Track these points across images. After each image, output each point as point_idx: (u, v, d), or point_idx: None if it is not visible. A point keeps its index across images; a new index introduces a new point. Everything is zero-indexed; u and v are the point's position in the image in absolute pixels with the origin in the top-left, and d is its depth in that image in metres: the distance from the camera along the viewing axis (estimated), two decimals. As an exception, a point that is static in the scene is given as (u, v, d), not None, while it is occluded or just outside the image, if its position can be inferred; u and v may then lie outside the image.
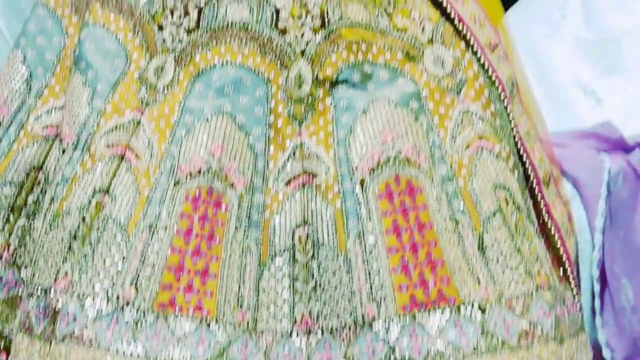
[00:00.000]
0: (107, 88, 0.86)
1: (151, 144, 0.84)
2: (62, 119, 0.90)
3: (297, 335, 0.78)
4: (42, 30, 0.94)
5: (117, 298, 0.79)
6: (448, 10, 0.87)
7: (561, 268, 0.88)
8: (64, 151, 0.86)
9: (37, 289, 0.84)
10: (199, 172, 0.81)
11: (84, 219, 0.81)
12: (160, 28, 0.88)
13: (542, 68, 1.33)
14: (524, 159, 0.87)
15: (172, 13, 0.87)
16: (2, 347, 0.90)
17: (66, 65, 0.93)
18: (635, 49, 1.23)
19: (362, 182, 0.80)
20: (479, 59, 0.87)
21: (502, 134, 0.86)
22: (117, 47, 0.88)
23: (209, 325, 0.78)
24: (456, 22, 0.87)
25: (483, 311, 0.78)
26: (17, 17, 0.95)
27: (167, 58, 0.87)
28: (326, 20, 0.84)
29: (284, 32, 0.84)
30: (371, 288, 0.78)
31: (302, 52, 0.84)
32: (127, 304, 0.79)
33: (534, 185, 0.87)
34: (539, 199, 0.87)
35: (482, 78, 0.87)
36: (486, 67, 0.87)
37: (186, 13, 0.86)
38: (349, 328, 0.78)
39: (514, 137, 0.88)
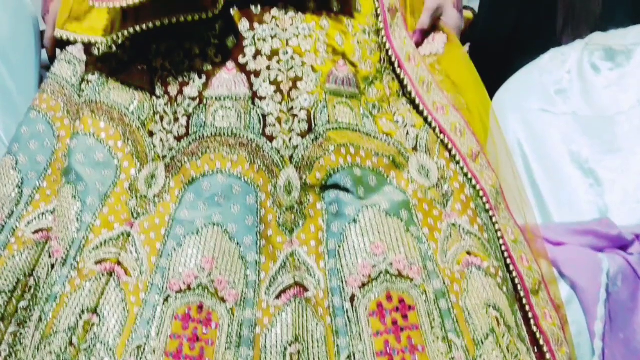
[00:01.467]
0: (97, 201, 0.86)
1: (141, 259, 0.83)
2: (53, 223, 0.90)
3: None
4: (34, 134, 0.95)
5: None
6: (429, 120, 0.87)
7: None
8: (52, 266, 0.85)
9: None
10: (189, 287, 0.80)
11: (71, 341, 0.80)
12: (151, 134, 0.88)
13: (539, 143, 1.32)
14: (512, 269, 0.86)
15: (161, 119, 0.88)
16: None
17: (57, 168, 0.93)
18: (630, 128, 1.22)
19: (352, 299, 0.79)
20: (462, 168, 0.87)
21: (491, 247, 0.85)
22: (107, 156, 0.88)
23: None
24: (437, 131, 0.87)
25: None
26: (14, 118, 0.95)
27: (158, 166, 0.87)
28: (313, 124, 0.84)
29: (271, 139, 0.84)
30: None
31: (291, 158, 0.84)
32: None
33: (522, 296, 0.86)
34: (527, 309, 0.86)
35: (467, 190, 0.86)
36: (469, 177, 0.86)
37: (176, 120, 0.87)
38: None
39: (501, 246, 0.86)
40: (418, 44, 0.94)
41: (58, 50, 1.01)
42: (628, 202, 1.15)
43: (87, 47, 0.93)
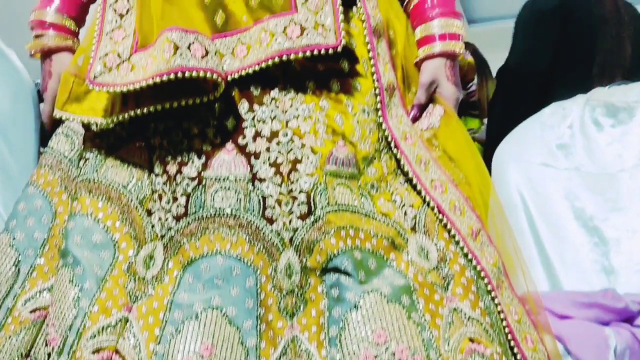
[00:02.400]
0: (95, 286, 0.84)
1: (139, 345, 0.81)
2: (50, 304, 0.88)
3: None
4: (32, 211, 0.94)
5: None
6: (427, 199, 0.86)
7: None
8: (49, 355, 0.84)
9: None
10: None
11: None
12: (149, 213, 0.87)
13: (541, 197, 1.31)
14: (516, 352, 0.84)
15: (160, 198, 0.87)
16: None
17: (55, 245, 0.92)
18: (634, 186, 1.21)
19: None
20: (462, 248, 0.85)
21: (494, 331, 0.83)
22: (105, 237, 0.87)
23: None
24: (436, 211, 0.86)
25: None
26: (13, 194, 0.94)
27: (156, 246, 0.86)
28: (313, 206, 0.83)
29: (271, 221, 0.83)
30: None
31: (291, 240, 0.83)
32: None
33: None
34: None
35: (468, 272, 0.85)
36: (470, 257, 0.85)
37: (174, 199, 0.86)
38: None
39: (505, 328, 0.85)
40: (416, 118, 0.94)
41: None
42: (634, 264, 1.13)
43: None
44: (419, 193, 0.87)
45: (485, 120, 2.55)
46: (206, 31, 0.85)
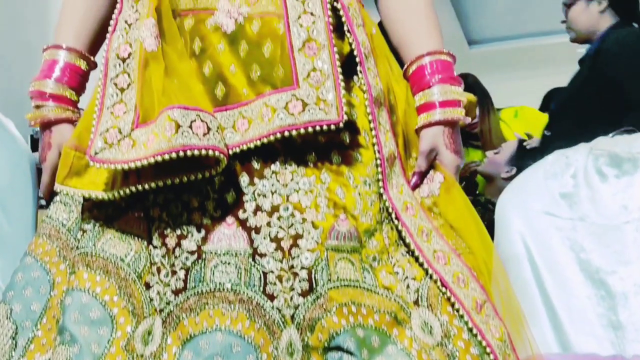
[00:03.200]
0: None
1: None
2: None
3: None
4: (30, 281, 0.92)
5: None
6: (430, 272, 0.85)
7: None
8: None
9: None
10: None
11: None
12: (147, 287, 0.86)
13: (546, 247, 1.30)
14: None
15: (158, 271, 0.85)
16: None
17: (52, 316, 0.90)
18: (639, 239, 1.20)
19: None
20: (466, 323, 0.84)
21: None
22: (103, 313, 0.85)
23: None
24: (439, 284, 0.85)
25: None
26: (11, 264, 0.93)
27: (155, 321, 0.84)
28: (314, 283, 0.81)
29: (272, 297, 0.81)
30: None
31: (292, 317, 0.81)
32: None
33: None
34: None
35: (473, 348, 0.83)
36: (474, 332, 0.83)
37: (173, 272, 0.84)
38: None
39: None
40: (417, 185, 0.93)
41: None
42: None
43: None
44: (421, 265, 0.86)
45: (488, 153, 2.55)
46: (207, 104, 0.84)
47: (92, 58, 1.02)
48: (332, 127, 0.82)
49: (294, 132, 0.82)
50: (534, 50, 6.78)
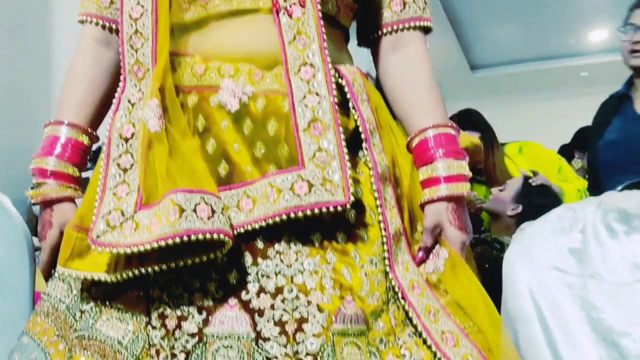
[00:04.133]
0: None
1: None
2: None
3: None
4: (27, 363, 0.90)
5: None
6: (438, 355, 0.82)
7: None
8: None
9: None
10: None
11: None
12: None
13: (555, 304, 1.26)
14: None
15: (157, 354, 0.83)
16: None
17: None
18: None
19: None
20: None
21: None
22: None
23: None
24: None
25: None
26: (8, 344, 0.91)
27: None
28: None
29: None
30: None
31: None
32: None
33: None
34: None
35: None
36: None
37: (173, 355, 0.82)
38: None
39: None
40: (422, 261, 0.90)
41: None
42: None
43: None
44: (429, 347, 0.83)
45: (493, 189, 2.52)
46: (211, 184, 0.82)
47: (94, 133, 1.01)
48: (339, 208, 0.80)
49: (299, 214, 0.80)
50: (537, 74, 6.80)
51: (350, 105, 0.91)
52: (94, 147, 1.02)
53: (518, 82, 7.01)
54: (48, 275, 0.95)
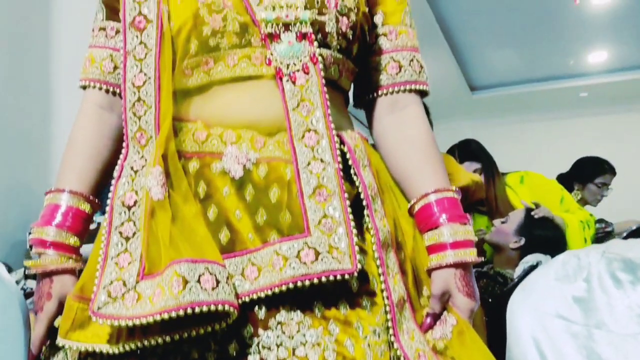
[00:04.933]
0: None
1: None
2: None
3: None
4: None
5: None
6: None
7: None
8: None
9: None
10: None
11: None
12: None
13: (561, 354, 1.24)
14: None
15: None
16: None
17: None
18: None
19: None
20: None
21: None
22: None
23: None
24: None
25: None
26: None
27: None
28: None
29: None
30: None
31: None
32: None
33: None
34: None
35: None
36: None
37: None
38: None
39: None
40: (430, 327, 0.89)
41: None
42: None
43: None
44: None
45: (495, 221, 2.51)
46: (214, 250, 0.81)
47: (96, 200, 0.99)
48: (347, 277, 0.79)
49: (306, 282, 0.79)
50: (536, 95, 6.81)
51: (352, 171, 0.90)
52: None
53: (518, 103, 7.02)
54: (41, 347, 0.92)
